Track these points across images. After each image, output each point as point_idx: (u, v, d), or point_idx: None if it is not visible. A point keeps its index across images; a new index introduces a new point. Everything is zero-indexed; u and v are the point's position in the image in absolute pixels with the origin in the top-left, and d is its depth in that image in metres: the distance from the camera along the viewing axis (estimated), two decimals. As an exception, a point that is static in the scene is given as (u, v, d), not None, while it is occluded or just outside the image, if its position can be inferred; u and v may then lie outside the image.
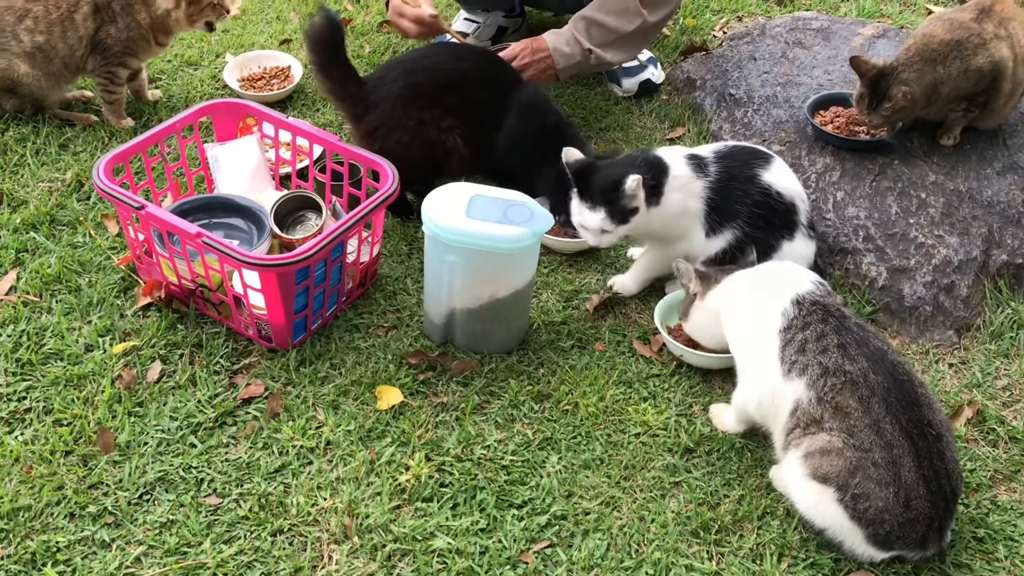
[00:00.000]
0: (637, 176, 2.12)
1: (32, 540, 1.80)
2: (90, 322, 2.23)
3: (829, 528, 1.81)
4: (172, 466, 1.94)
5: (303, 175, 2.55)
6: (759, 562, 1.84)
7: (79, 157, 2.71)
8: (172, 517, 1.85)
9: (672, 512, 1.92)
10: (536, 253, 2.17)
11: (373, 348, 2.21)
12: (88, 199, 2.57)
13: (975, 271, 2.39)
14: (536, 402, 2.12)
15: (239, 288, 2.11)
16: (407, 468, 1.96)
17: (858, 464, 1.75)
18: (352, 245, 2.24)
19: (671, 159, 2.24)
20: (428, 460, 1.98)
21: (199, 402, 2.06)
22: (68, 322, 2.22)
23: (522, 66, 2.72)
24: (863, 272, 2.41)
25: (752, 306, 1.99)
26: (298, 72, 3.05)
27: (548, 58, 2.76)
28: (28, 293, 2.28)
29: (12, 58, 2.66)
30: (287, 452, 1.98)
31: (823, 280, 1.98)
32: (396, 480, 1.93)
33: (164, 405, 2.05)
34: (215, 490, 1.91)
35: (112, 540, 1.81)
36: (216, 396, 2.08)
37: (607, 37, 2.78)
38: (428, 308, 2.23)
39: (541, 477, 1.97)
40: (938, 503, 1.76)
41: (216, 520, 1.86)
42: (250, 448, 1.99)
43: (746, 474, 2.00)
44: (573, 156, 2.23)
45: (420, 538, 1.84)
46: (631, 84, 3.06)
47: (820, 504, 1.80)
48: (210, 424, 2.02)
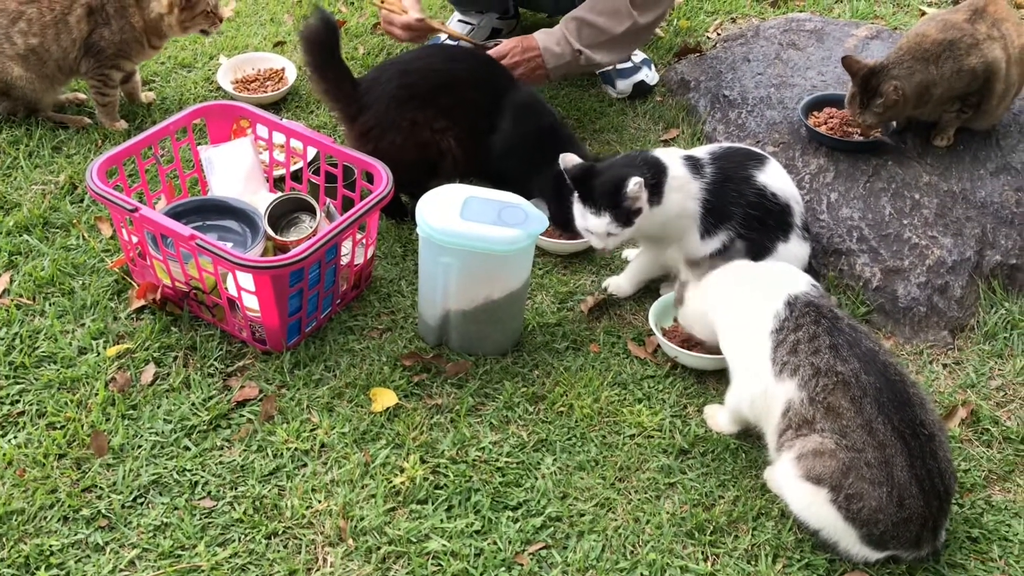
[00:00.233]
0: (639, 178, 2.11)
1: (25, 544, 1.79)
2: (83, 325, 2.22)
3: (824, 529, 1.81)
4: (166, 469, 1.94)
5: (297, 177, 2.55)
6: (754, 563, 1.84)
7: (72, 159, 2.70)
8: (166, 520, 1.85)
9: (667, 513, 1.92)
10: (531, 255, 2.17)
11: (367, 350, 2.21)
12: (81, 201, 2.57)
13: (969, 272, 2.40)
14: (531, 404, 2.12)
15: (233, 290, 2.11)
16: (402, 470, 1.96)
17: (851, 464, 1.75)
18: (346, 247, 2.24)
19: (669, 160, 2.24)
20: (423, 462, 1.97)
21: (193, 405, 2.06)
22: (61, 325, 2.21)
23: (512, 64, 2.72)
24: (857, 273, 2.41)
25: (745, 307, 1.99)
26: (292, 74, 3.05)
27: (538, 57, 2.76)
28: (21, 296, 2.28)
29: (6, 60, 2.65)
30: (281, 455, 1.98)
31: (816, 282, 1.98)
32: (391, 482, 1.93)
33: (158, 408, 2.05)
34: (209, 493, 1.91)
35: (106, 543, 1.81)
36: (210, 399, 2.08)
37: (597, 38, 2.78)
38: (422, 310, 2.23)
39: (536, 479, 1.97)
40: (931, 502, 1.76)
41: (210, 523, 1.86)
42: (244, 451, 1.98)
43: (741, 475, 2.00)
44: (571, 161, 2.20)
45: (415, 540, 1.84)
46: (625, 86, 3.06)
47: (814, 505, 1.80)
48: (204, 427, 2.02)
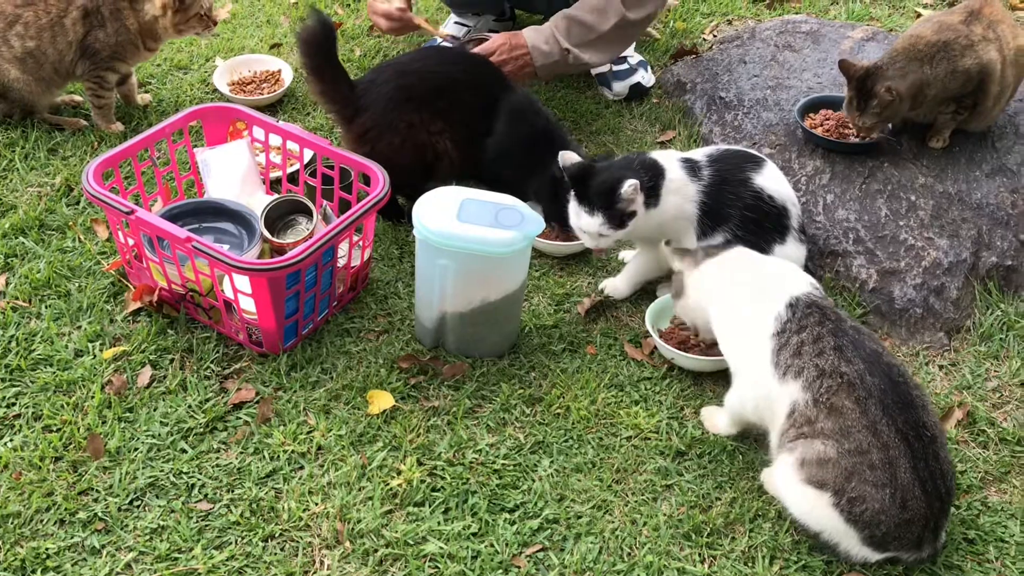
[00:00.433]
0: (634, 180, 2.12)
1: (22, 547, 1.79)
2: (80, 327, 2.22)
3: (824, 531, 1.81)
4: (162, 472, 1.93)
5: (294, 179, 2.55)
6: (751, 564, 1.84)
7: (68, 162, 2.70)
8: (163, 523, 1.85)
9: (664, 515, 1.92)
10: (527, 257, 2.17)
11: (364, 352, 2.21)
12: (78, 204, 2.56)
13: (965, 273, 2.40)
14: (528, 406, 2.12)
15: (229, 293, 2.10)
16: (399, 472, 1.96)
17: (854, 468, 1.75)
18: (343, 249, 2.24)
19: (666, 162, 2.24)
20: (420, 464, 1.97)
21: (189, 407, 2.06)
22: (57, 327, 2.21)
23: (499, 62, 2.70)
24: (853, 274, 2.41)
25: (744, 309, 1.98)
26: (288, 76, 3.05)
27: (526, 55, 2.74)
28: (17, 298, 2.27)
29: (3, 63, 2.65)
30: (278, 457, 1.98)
31: (816, 283, 1.98)
32: (388, 485, 1.93)
33: (154, 410, 2.05)
34: (206, 496, 1.90)
35: (102, 546, 1.81)
36: (207, 401, 2.07)
37: (586, 36, 2.76)
38: (419, 312, 2.23)
39: (533, 481, 1.97)
40: (933, 503, 1.76)
41: (207, 526, 1.85)
42: (241, 453, 1.98)
43: (738, 477, 2.00)
44: (570, 159, 2.21)
45: (412, 543, 1.84)
46: (622, 87, 3.06)
47: (816, 508, 1.79)
48: (201, 429, 2.02)
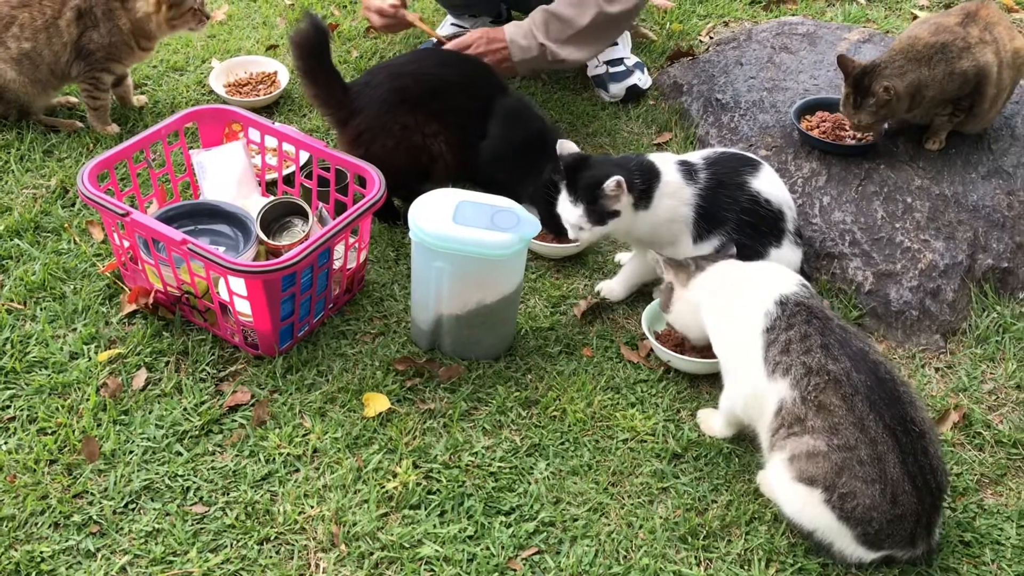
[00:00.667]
0: (618, 178, 2.11)
1: (16, 550, 1.78)
2: (75, 330, 2.21)
3: (818, 530, 1.81)
4: (158, 474, 1.93)
5: (289, 181, 2.54)
6: (747, 567, 1.84)
7: (64, 163, 2.69)
8: (158, 526, 1.84)
9: (660, 518, 1.92)
10: (523, 259, 2.17)
11: (360, 355, 2.21)
12: (73, 206, 2.56)
13: (961, 275, 2.40)
14: (524, 408, 2.12)
15: (225, 295, 2.10)
16: (394, 475, 1.95)
17: (843, 464, 1.76)
18: (339, 251, 2.23)
19: (663, 165, 2.24)
20: (415, 467, 1.97)
21: (185, 410, 2.05)
22: (52, 330, 2.20)
23: (476, 55, 2.69)
24: (849, 277, 2.41)
25: (736, 307, 1.99)
26: (284, 78, 3.05)
27: (504, 49, 2.72)
28: (12, 301, 2.27)
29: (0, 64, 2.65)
30: (274, 460, 1.97)
31: (806, 282, 1.99)
32: (383, 487, 1.93)
33: (150, 413, 2.04)
34: (201, 498, 1.90)
35: (97, 550, 1.80)
36: (202, 404, 2.07)
37: (564, 32, 2.74)
38: (415, 314, 2.22)
39: (529, 484, 1.96)
40: (924, 499, 1.76)
41: (202, 529, 1.85)
42: (236, 456, 1.98)
43: (734, 479, 2.00)
44: (567, 148, 2.23)
45: (407, 546, 1.83)
46: (618, 89, 3.06)
47: (808, 506, 1.80)
48: (196, 432, 2.01)
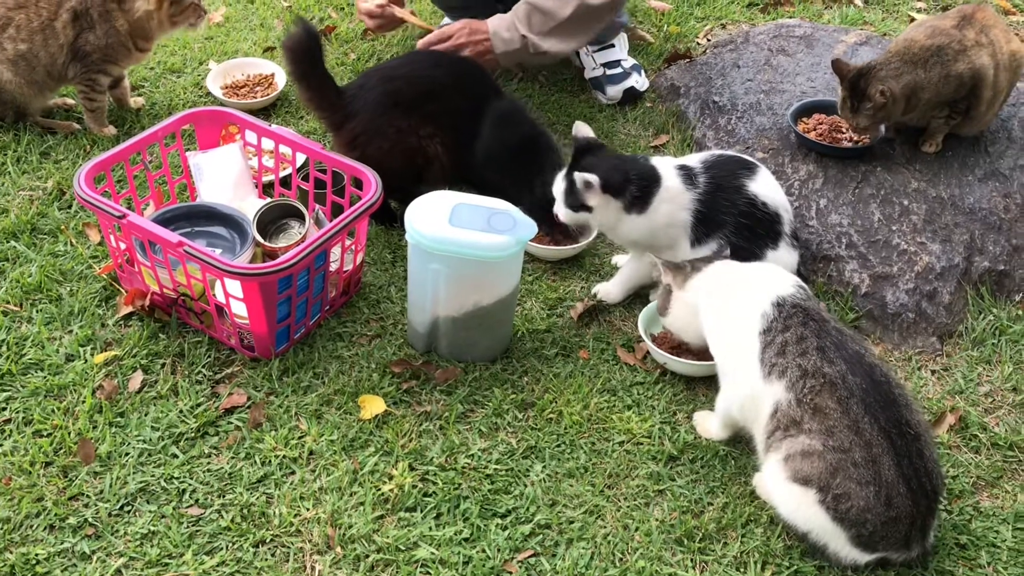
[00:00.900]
0: (589, 178, 2.16)
1: (11, 553, 1.78)
2: (71, 332, 2.21)
3: (812, 531, 1.81)
4: (153, 477, 1.93)
5: (286, 183, 2.54)
6: (743, 570, 1.84)
7: (60, 165, 2.69)
8: (153, 528, 1.84)
9: (656, 520, 1.92)
10: (520, 261, 2.17)
11: (356, 357, 2.21)
12: (69, 208, 2.56)
13: (957, 278, 2.40)
14: (520, 410, 2.12)
15: (221, 297, 2.10)
16: (390, 478, 1.95)
17: (838, 465, 1.76)
18: (335, 253, 2.23)
19: (664, 170, 2.25)
20: (411, 469, 1.97)
21: (181, 412, 2.05)
22: (49, 332, 2.20)
23: (457, 46, 2.68)
24: (846, 279, 2.41)
25: (733, 308, 1.98)
26: (281, 80, 3.04)
27: (486, 41, 2.70)
28: (8, 303, 2.26)
29: (-3, 66, 2.65)
30: (270, 462, 1.97)
31: (803, 284, 1.99)
32: (379, 490, 1.93)
33: (145, 415, 2.04)
34: (197, 501, 1.90)
35: (92, 552, 1.80)
36: (198, 406, 2.07)
37: (546, 24, 2.72)
38: (412, 316, 2.22)
39: (525, 486, 1.96)
40: (919, 501, 1.76)
41: (198, 531, 1.85)
42: (232, 458, 1.98)
43: (730, 482, 2.00)
44: (583, 132, 2.30)
45: (403, 548, 1.83)
46: (615, 91, 3.06)
47: (802, 506, 1.80)
48: (192, 434, 2.01)
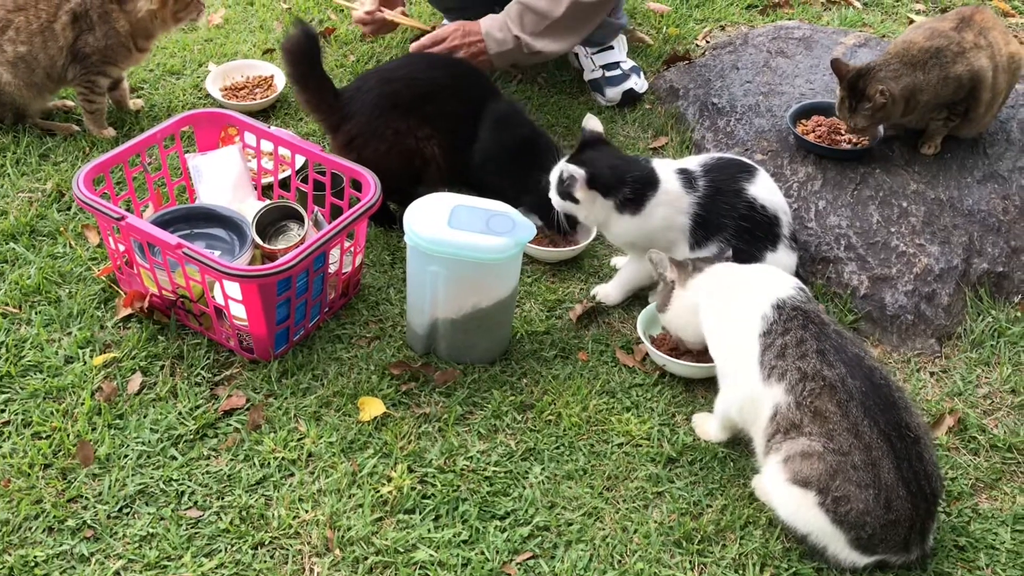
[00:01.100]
0: (574, 173, 2.20)
1: (10, 555, 1.78)
2: (70, 333, 2.21)
3: (812, 533, 1.81)
4: (152, 479, 1.93)
5: (285, 185, 2.54)
6: (742, 572, 1.84)
7: (60, 167, 2.69)
8: (152, 530, 1.84)
9: (655, 522, 1.92)
10: (519, 263, 2.17)
11: (355, 359, 2.21)
12: (69, 209, 2.56)
13: (956, 280, 2.40)
14: (519, 412, 2.12)
15: (220, 299, 2.10)
16: (389, 480, 1.95)
17: (838, 467, 1.76)
18: (334, 255, 2.23)
19: (664, 173, 2.25)
20: (410, 471, 1.97)
21: (180, 414, 2.05)
22: (48, 334, 2.20)
23: (451, 48, 2.68)
24: (845, 281, 2.41)
25: (733, 310, 1.99)
26: (281, 82, 3.04)
27: (480, 42, 2.70)
28: (7, 304, 2.26)
29: (-5, 68, 2.65)
30: (268, 464, 1.97)
31: (804, 287, 1.99)
32: (378, 492, 1.93)
33: (144, 417, 2.04)
34: (196, 503, 1.90)
35: (91, 554, 1.80)
36: (197, 408, 2.07)
37: (539, 24, 2.71)
38: (411, 318, 2.22)
39: (524, 488, 1.96)
40: (919, 504, 1.76)
41: (197, 533, 1.85)
42: (231, 460, 1.98)
43: (729, 484, 2.00)
44: (593, 125, 2.33)
45: (402, 550, 1.83)
46: (614, 93, 3.06)
47: (802, 508, 1.80)
48: (191, 436, 2.01)
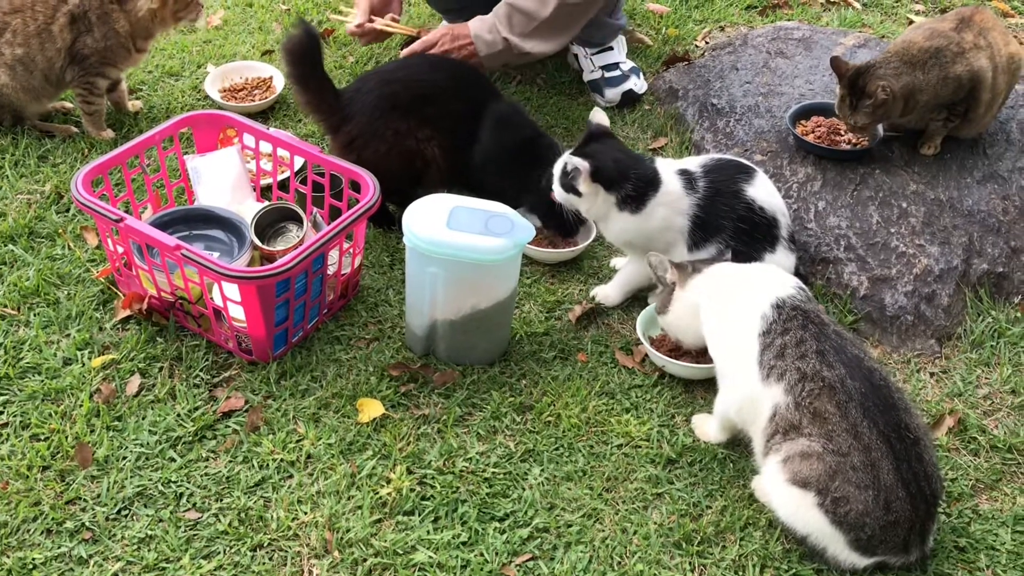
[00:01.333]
0: (578, 164, 2.19)
1: (8, 557, 1.78)
2: (68, 335, 2.21)
3: (811, 534, 1.81)
4: (151, 481, 1.93)
5: (284, 186, 2.54)
6: (741, 573, 1.84)
7: (58, 169, 2.69)
8: (151, 532, 1.84)
9: (654, 524, 1.91)
10: (518, 264, 2.17)
11: (354, 360, 2.20)
12: (67, 211, 2.56)
13: (956, 280, 2.40)
14: (518, 414, 2.11)
15: (219, 301, 2.10)
16: (388, 481, 1.95)
17: (837, 468, 1.75)
18: (333, 256, 2.23)
19: (666, 174, 2.25)
20: (409, 473, 1.97)
21: (178, 416, 2.05)
22: (46, 335, 2.20)
23: (442, 52, 2.68)
24: (844, 281, 2.41)
25: (732, 310, 1.98)
26: (280, 83, 3.04)
27: (470, 45, 2.71)
28: (6, 306, 2.26)
29: (-7, 70, 2.65)
30: (267, 466, 1.97)
31: (804, 286, 1.98)
32: (377, 493, 1.92)
33: (143, 419, 2.04)
34: (194, 505, 1.89)
35: (89, 556, 1.80)
36: (196, 409, 2.07)
37: (527, 25, 2.71)
38: (410, 319, 2.22)
39: (523, 489, 1.96)
40: (919, 505, 1.76)
41: (195, 535, 1.84)
42: (230, 462, 1.97)
43: (728, 485, 2.00)
44: (600, 119, 2.33)
45: (401, 552, 1.83)
46: (614, 94, 3.06)
47: (801, 509, 1.80)
48: (189, 438, 2.01)
